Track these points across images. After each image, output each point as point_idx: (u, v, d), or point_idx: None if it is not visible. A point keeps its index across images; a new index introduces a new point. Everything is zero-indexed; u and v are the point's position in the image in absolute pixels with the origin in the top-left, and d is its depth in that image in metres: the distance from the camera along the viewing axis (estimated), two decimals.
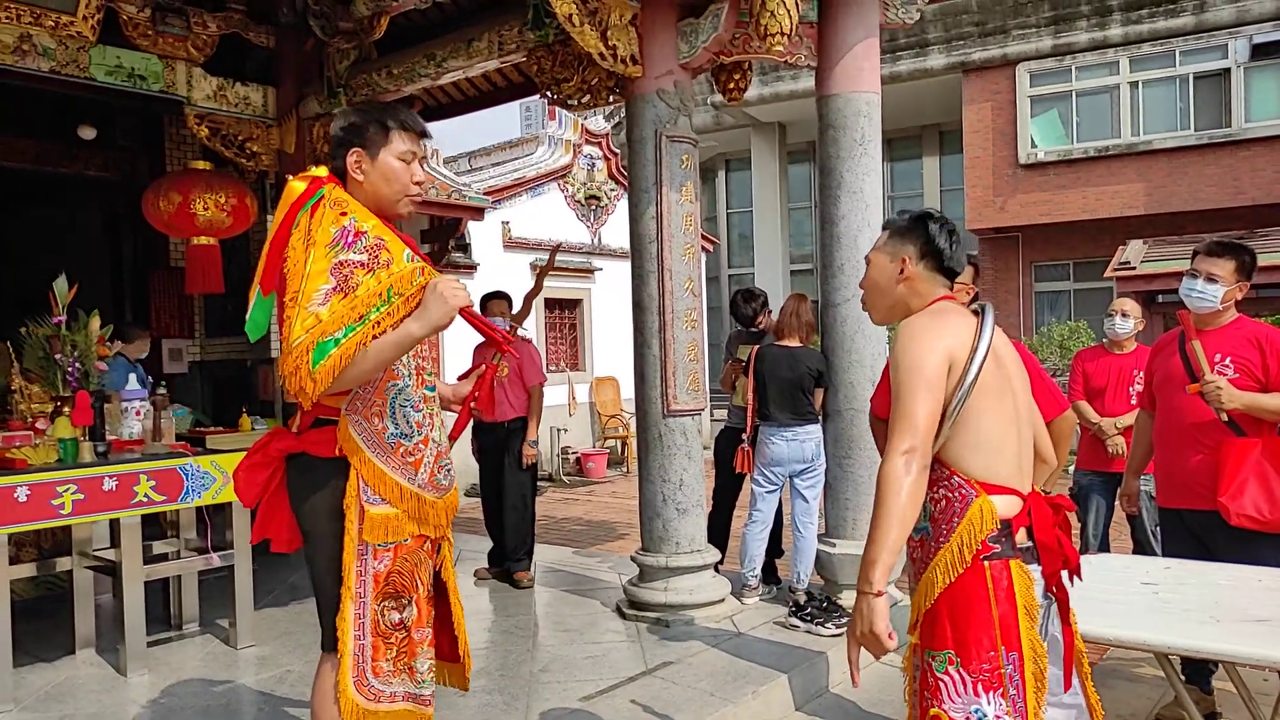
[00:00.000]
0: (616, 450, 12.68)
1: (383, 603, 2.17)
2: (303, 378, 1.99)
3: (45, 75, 4.94)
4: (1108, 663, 4.20)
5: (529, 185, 11.96)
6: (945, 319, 1.97)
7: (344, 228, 2.08)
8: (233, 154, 5.90)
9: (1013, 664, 1.85)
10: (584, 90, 4.79)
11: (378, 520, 2.15)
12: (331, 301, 2.01)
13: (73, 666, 4.01)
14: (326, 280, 2.02)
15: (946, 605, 1.89)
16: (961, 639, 1.87)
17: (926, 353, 1.89)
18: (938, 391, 1.88)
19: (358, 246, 2.07)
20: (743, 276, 20.88)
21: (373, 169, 2.20)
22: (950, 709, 1.86)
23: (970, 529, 1.88)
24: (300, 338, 1.99)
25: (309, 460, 2.20)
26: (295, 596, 5.06)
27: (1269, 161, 14.00)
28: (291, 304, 2.03)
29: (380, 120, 2.21)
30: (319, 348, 1.98)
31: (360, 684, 2.15)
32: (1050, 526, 1.95)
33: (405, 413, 2.20)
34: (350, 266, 2.05)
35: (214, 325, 7.60)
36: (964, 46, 15.96)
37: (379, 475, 2.15)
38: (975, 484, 1.91)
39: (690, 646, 4.04)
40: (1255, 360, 3.19)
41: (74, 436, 3.91)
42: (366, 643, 2.16)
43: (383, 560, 2.17)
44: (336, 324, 2.00)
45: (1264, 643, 2.44)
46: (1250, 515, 3.10)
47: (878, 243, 2.15)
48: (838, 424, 4.61)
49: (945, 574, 1.89)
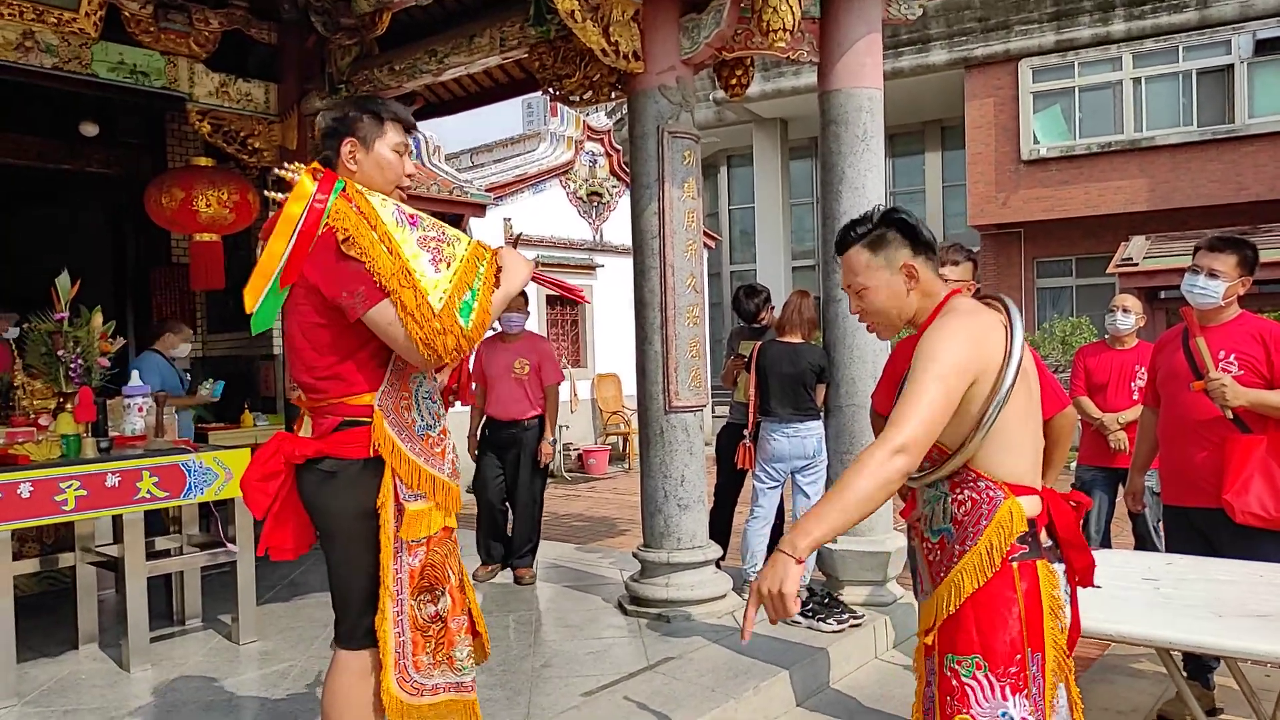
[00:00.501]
0: (618, 447, 12.69)
1: (419, 597, 2.20)
2: (459, 338, 2.07)
3: (48, 72, 4.94)
4: (1109, 658, 4.20)
5: (531, 182, 11.96)
6: (978, 320, 1.87)
7: (393, 210, 2.12)
8: (235, 150, 5.90)
9: (1037, 664, 1.82)
10: (586, 86, 4.78)
11: (416, 516, 2.17)
12: (441, 269, 2.09)
13: (76, 661, 4.02)
14: (419, 253, 2.08)
15: (972, 609, 1.84)
16: (988, 643, 1.82)
17: (951, 360, 1.78)
18: (954, 398, 1.79)
19: (423, 224, 2.14)
20: (745, 272, 20.88)
21: (366, 158, 2.22)
22: (978, 714, 1.82)
23: (1000, 531, 1.83)
24: (440, 302, 2.05)
25: (334, 463, 2.18)
26: (297, 592, 5.07)
27: (1271, 157, 13.98)
28: (400, 278, 2.03)
29: (375, 111, 2.24)
30: (463, 307, 2.08)
31: (402, 680, 2.18)
32: (1074, 524, 1.92)
33: (428, 404, 2.26)
34: (433, 241, 2.12)
35: (216, 321, 7.60)
36: (966, 42, 15.93)
37: (414, 470, 2.17)
38: (1002, 485, 1.86)
39: (692, 642, 4.04)
40: (1260, 356, 3.18)
41: (77, 433, 3.92)
42: (406, 639, 2.18)
43: (416, 555, 2.20)
44: (461, 287, 2.09)
45: (1265, 638, 2.44)
46: (1255, 513, 3.10)
47: (855, 266, 1.97)
48: (839, 419, 4.61)
49: (974, 577, 1.83)
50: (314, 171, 2.16)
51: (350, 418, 2.18)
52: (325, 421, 2.22)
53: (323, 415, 2.22)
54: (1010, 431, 1.87)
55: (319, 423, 2.24)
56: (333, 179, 2.14)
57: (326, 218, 2.08)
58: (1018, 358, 1.84)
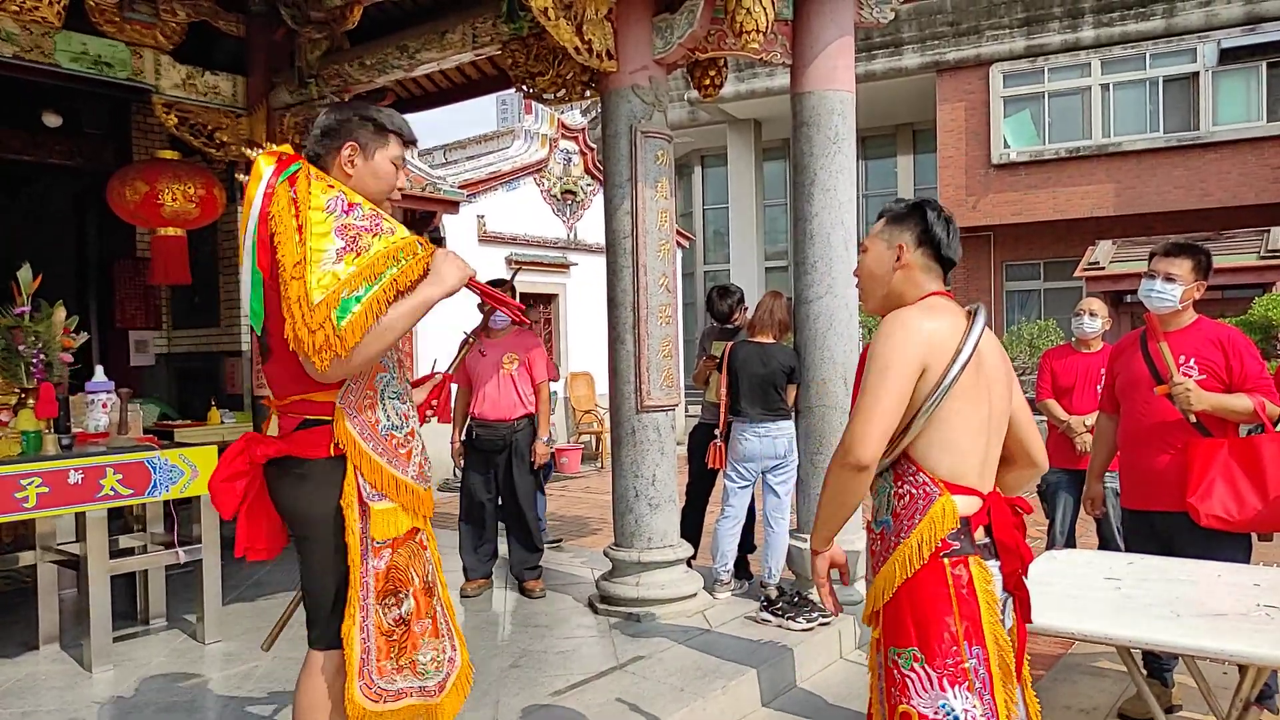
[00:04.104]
0: (591, 446, 12.68)
1: (384, 600, 2.18)
2: (327, 336, 1.94)
3: (8, 61, 4.83)
4: (1071, 657, 4.26)
5: (504, 179, 11.91)
6: (933, 316, 1.95)
7: (336, 196, 2.08)
8: (201, 143, 5.81)
9: (977, 658, 1.87)
10: (559, 84, 4.77)
11: (382, 516, 2.15)
12: (345, 260, 1.99)
13: (35, 662, 3.95)
14: (333, 241, 2.00)
15: (908, 602, 1.91)
16: (924, 636, 1.88)
17: (901, 352, 1.88)
18: (903, 394, 1.88)
19: (356, 214, 2.07)
20: (718, 273, 20.94)
21: (365, 165, 2.22)
22: (918, 704, 1.87)
23: (931, 526, 1.90)
24: (320, 296, 1.94)
25: (298, 463, 2.16)
26: (262, 592, 5.01)
27: (1234, 164, 14.25)
28: (296, 268, 1.97)
29: (380, 122, 2.25)
30: (342, 305, 1.95)
31: (366, 687, 2.16)
32: (1009, 527, 1.97)
33: (394, 404, 2.22)
34: (355, 230, 2.04)
35: (181, 316, 7.50)
36: (938, 46, 16.09)
37: (377, 469, 2.15)
38: (940, 482, 1.92)
39: (661, 641, 4.05)
40: (1219, 361, 3.24)
41: (38, 429, 3.85)
42: (371, 645, 2.16)
43: (382, 558, 2.18)
44: (355, 282, 1.98)
45: (1223, 637, 2.49)
46: (1219, 515, 3.15)
47: (874, 230, 2.13)
48: (810, 420, 4.64)
49: (903, 568, 1.91)
50: (273, 155, 2.13)
51: (312, 416, 2.16)
52: (288, 421, 2.20)
53: (286, 414, 2.21)
54: (957, 431, 1.93)
55: (283, 422, 2.22)
56: (288, 163, 2.11)
57: (273, 198, 2.06)
58: (966, 357, 1.91)
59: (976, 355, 1.92)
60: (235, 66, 5.99)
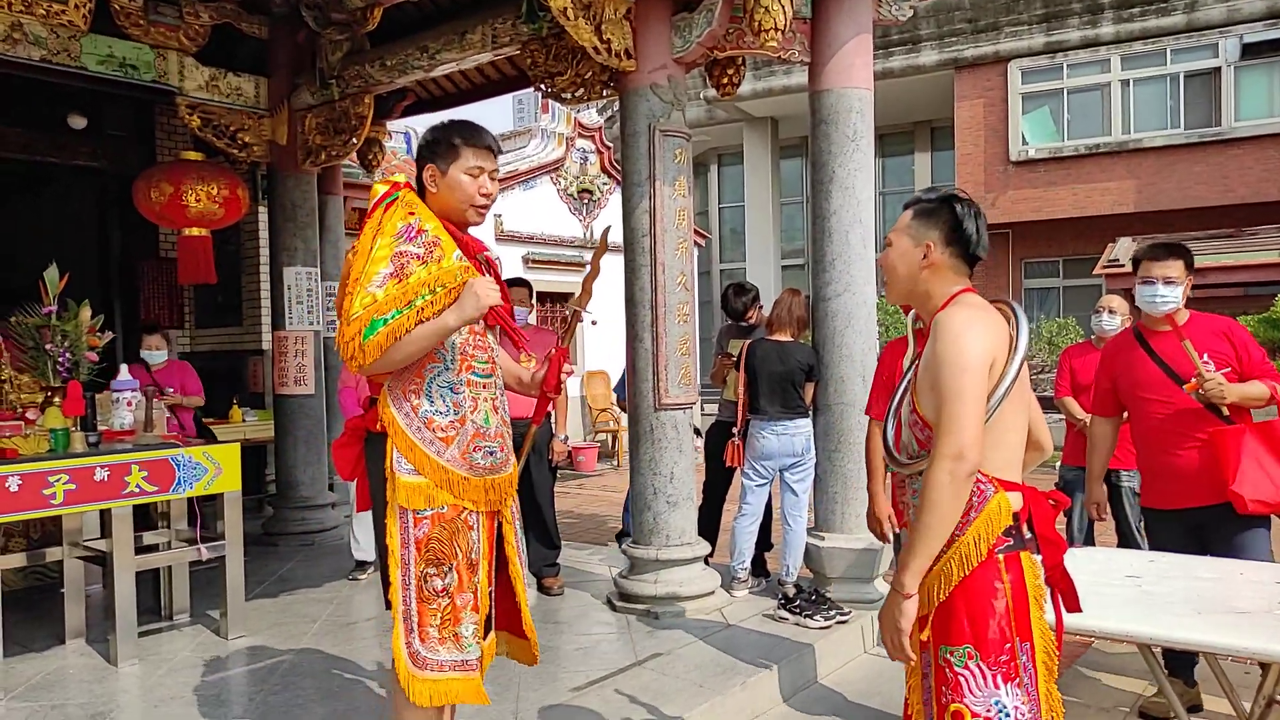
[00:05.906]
0: (607, 444, 12.70)
1: (425, 568, 2.36)
2: (355, 348, 2.26)
3: (36, 64, 4.91)
4: (1092, 654, 4.24)
5: (521, 178, 11.94)
6: (986, 314, 1.93)
7: (410, 224, 2.34)
8: (224, 144, 5.88)
9: (1026, 653, 1.87)
10: (577, 84, 4.79)
11: (408, 487, 2.36)
12: (388, 285, 2.27)
13: (63, 656, 4.01)
14: (387, 265, 2.28)
15: (962, 600, 1.88)
16: (979, 633, 1.86)
17: (973, 353, 1.85)
18: (985, 394, 1.85)
19: (417, 241, 2.33)
20: (734, 271, 20.92)
21: (443, 181, 2.42)
22: (972, 703, 1.86)
23: (988, 524, 1.88)
24: (358, 313, 2.25)
25: (368, 434, 2.58)
26: (285, 588, 5.06)
27: (1257, 160, 14.10)
28: (354, 284, 2.27)
29: (449, 139, 2.42)
30: (371, 324, 2.24)
31: (408, 647, 2.35)
32: (1050, 521, 1.96)
33: (443, 394, 2.40)
34: (407, 257, 2.30)
35: (204, 316, 7.58)
36: (956, 43, 16.01)
37: (409, 445, 2.37)
38: (993, 480, 1.90)
39: (680, 638, 4.06)
40: (1228, 352, 3.29)
41: (65, 427, 3.90)
42: (414, 608, 2.36)
43: (421, 527, 2.37)
44: (389, 305, 2.26)
45: (1245, 634, 2.47)
46: (1261, 500, 3.15)
47: (900, 223, 2.08)
48: (828, 418, 4.64)
49: (961, 567, 1.88)
50: (387, 183, 2.43)
51: (374, 396, 2.55)
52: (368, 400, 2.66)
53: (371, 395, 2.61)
54: (1005, 428, 1.93)
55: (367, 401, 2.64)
56: (392, 190, 2.39)
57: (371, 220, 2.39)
58: (1022, 355, 1.91)
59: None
60: (258, 68, 6.05)
